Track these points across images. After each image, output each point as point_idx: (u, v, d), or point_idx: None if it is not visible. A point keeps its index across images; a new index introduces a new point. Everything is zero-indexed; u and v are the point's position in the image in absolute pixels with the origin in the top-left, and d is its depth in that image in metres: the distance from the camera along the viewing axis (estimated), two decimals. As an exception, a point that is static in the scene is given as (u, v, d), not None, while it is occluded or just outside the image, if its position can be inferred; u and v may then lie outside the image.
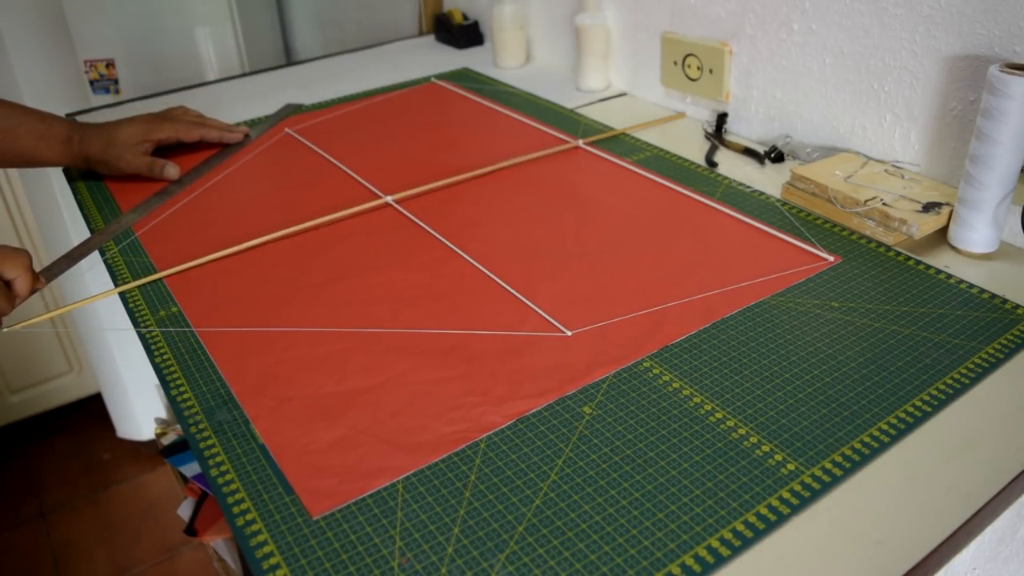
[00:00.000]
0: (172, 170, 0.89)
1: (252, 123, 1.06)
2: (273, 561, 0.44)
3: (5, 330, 0.70)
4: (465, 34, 1.37)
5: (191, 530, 0.83)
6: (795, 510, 0.46)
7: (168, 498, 1.67)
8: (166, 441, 0.97)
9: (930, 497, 0.47)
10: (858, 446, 0.50)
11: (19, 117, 0.84)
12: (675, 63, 1.01)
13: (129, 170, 0.89)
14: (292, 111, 1.09)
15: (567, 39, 1.21)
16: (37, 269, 0.68)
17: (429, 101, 1.12)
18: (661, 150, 0.93)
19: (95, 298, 0.71)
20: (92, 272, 0.74)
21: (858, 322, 0.62)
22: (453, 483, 0.49)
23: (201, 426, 0.54)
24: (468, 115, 1.07)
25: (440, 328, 0.63)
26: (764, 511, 0.46)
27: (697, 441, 0.51)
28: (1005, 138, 0.64)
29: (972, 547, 0.55)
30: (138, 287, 0.70)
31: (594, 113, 1.06)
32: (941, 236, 0.73)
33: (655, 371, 0.57)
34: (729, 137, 0.96)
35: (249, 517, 0.47)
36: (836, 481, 0.48)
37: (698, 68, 0.98)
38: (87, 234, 0.81)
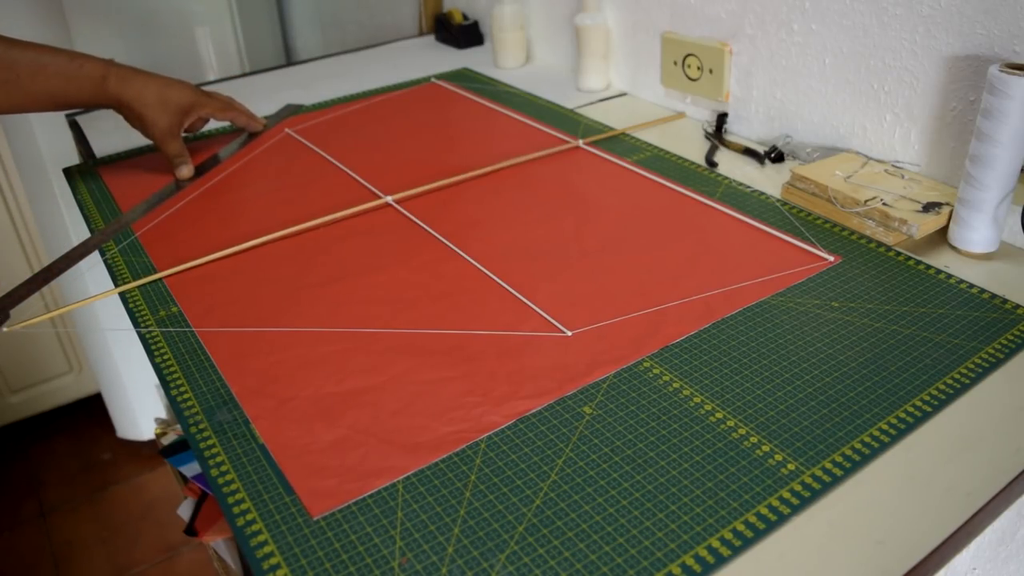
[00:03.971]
0: (187, 170, 0.89)
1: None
2: (273, 561, 0.44)
3: (5, 330, 0.70)
4: (465, 34, 1.37)
5: (191, 530, 0.83)
6: (795, 510, 0.46)
7: (168, 498, 1.67)
8: (166, 441, 0.97)
9: (930, 497, 0.47)
10: (858, 446, 0.50)
11: (48, 57, 0.82)
12: (675, 63, 1.01)
13: (156, 139, 0.87)
14: (292, 112, 1.09)
15: (567, 39, 1.21)
16: (36, 269, 0.68)
17: (429, 101, 1.12)
18: (661, 150, 0.93)
19: (95, 298, 0.71)
20: (92, 272, 0.74)
21: (858, 322, 0.62)
22: (453, 483, 0.49)
23: (201, 426, 0.54)
24: (468, 115, 1.07)
25: (440, 328, 0.63)
26: (764, 511, 0.46)
27: (697, 441, 0.51)
28: (1005, 138, 0.64)
29: (972, 547, 0.55)
30: (138, 287, 0.70)
31: (594, 113, 1.06)
32: (941, 236, 0.73)
33: (655, 371, 0.57)
34: (729, 137, 0.96)
35: (249, 517, 0.47)
36: (836, 481, 0.48)
37: (698, 68, 0.98)
38: (87, 234, 0.81)
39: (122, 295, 0.69)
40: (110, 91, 0.85)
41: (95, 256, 0.76)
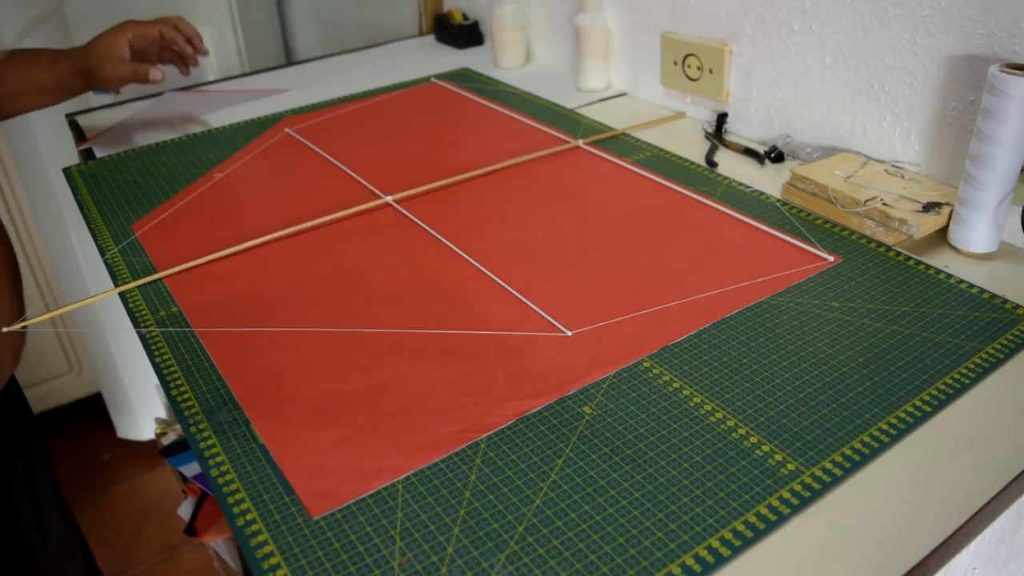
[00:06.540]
0: (156, 73, 0.92)
1: (250, 123, 1.06)
2: (273, 561, 0.44)
3: (5, 330, 0.70)
4: (465, 34, 1.37)
5: (191, 530, 0.83)
6: (795, 510, 0.46)
7: (168, 498, 1.67)
8: (166, 441, 0.97)
9: (930, 497, 0.47)
10: (858, 446, 0.50)
11: (12, 63, 0.88)
12: (675, 63, 1.01)
13: (113, 79, 0.91)
14: None
15: (567, 39, 1.21)
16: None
17: (429, 101, 1.12)
18: (661, 150, 0.93)
19: (95, 298, 0.71)
20: (92, 272, 0.75)
21: (858, 322, 0.62)
22: (453, 483, 0.49)
23: (201, 426, 0.54)
24: (468, 115, 1.07)
25: (440, 328, 0.63)
26: (764, 511, 0.46)
27: (697, 441, 0.51)
28: (1005, 138, 0.64)
29: (972, 547, 0.55)
30: (138, 287, 0.70)
31: (594, 113, 1.06)
32: (941, 236, 0.73)
33: (655, 371, 0.57)
34: (729, 137, 0.96)
35: (249, 517, 0.47)
36: (836, 481, 0.48)
37: (698, 68, 0.98)
38: (87, 234, 0.81)
39: (122, 295, 0.69)
40: (64, 70, 0.91)
41: (95, 256, 0.76)
